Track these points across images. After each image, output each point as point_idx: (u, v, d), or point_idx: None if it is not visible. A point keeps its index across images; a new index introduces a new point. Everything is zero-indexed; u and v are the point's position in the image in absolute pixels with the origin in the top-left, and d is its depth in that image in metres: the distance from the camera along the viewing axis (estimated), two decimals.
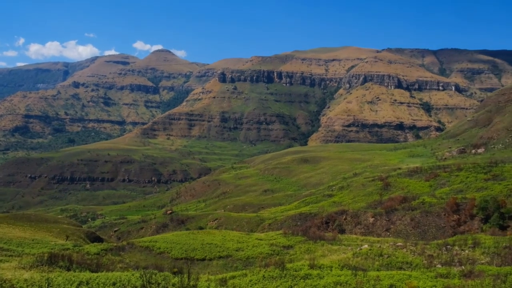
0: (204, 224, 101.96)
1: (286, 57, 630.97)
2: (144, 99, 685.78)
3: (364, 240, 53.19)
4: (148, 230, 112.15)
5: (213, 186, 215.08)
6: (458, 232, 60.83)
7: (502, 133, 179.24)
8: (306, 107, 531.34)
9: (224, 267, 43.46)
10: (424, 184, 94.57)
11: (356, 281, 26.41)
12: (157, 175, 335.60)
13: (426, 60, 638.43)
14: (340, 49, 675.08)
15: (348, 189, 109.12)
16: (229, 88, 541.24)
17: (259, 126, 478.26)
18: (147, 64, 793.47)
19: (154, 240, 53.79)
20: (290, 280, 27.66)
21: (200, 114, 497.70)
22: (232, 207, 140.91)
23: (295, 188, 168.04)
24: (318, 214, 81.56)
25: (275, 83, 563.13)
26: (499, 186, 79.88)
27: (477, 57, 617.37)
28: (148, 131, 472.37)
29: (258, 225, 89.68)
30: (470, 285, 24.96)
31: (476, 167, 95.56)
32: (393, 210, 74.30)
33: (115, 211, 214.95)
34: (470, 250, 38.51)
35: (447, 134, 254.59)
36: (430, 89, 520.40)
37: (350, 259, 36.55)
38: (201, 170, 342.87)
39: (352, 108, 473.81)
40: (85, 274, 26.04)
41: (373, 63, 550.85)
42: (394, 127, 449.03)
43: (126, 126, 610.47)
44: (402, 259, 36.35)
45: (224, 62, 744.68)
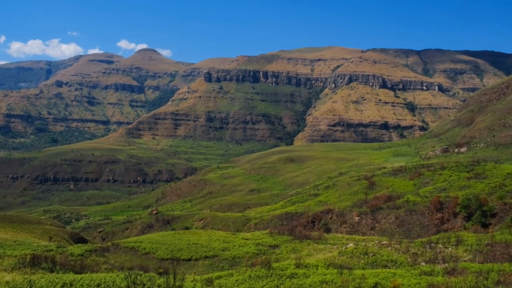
0: (190, 224, 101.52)
1: (272, 56, 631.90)
2: (129, 98, 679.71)
3: (350, 239, 53.56)
4: (133, 231, 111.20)
5: (199, 186, 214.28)
6: (441, 230, 61.66)
7: (484, 132, 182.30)
8: (292, 106, 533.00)
9: (210, 267, 43.32)
10: (409, 183, 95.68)
11: (341, 280, 26.56)
12: (142, 175, 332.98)
13: (410, 60, 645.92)
14: (326, 49, 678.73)
15: (333, 188, 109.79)
16: (215, 88, 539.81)
17: (245, 126, 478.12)
18: (132, 63, 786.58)
19: (140, 240, 53.34)
20: (276, 279, 27.68)
21: (185, 113, 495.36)
22: (218, 207, 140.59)
23: (281, 187, 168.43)
24: (304, 214, 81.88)
25: (261, 83, 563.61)
26: (481, 184, 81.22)
27: (460, 57, 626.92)
28: (133, 131, 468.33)
29: (244, 224, 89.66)
30: (453, 282, 25.28)
31: (459, 166, 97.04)
32: (378, 209, 74.99)
33: (100, 211, 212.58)
34: (453, 247, 39.06)
35: (431, 133, 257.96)
36: (414, 89, 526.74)
37: (335, 258, 36.76)
38: (187, 170, 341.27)
39: (338, 108, 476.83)
40: (68, 276, 25.69)
41: (358, 63, 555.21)
42: (379, 127, 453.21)
43: (110, 126, 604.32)
44: (387, 257, 36.69)
45: (210, 62, 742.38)
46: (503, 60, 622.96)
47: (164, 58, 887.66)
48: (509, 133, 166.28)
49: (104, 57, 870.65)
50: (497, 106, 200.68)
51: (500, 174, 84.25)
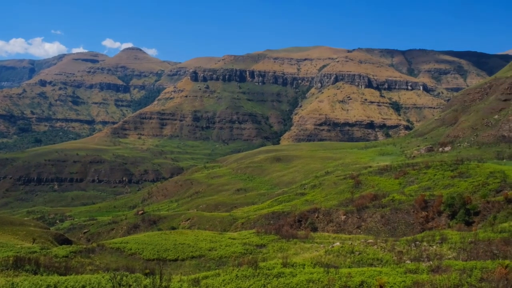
0: (177, 224, 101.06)
1: (259, 56, 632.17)
2: (114, 98, 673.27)
3: (336, 237, 53.87)
4: (119, 231, 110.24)
5: (185, 185, 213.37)
6: (426, 228, 62.41)
7: (467, 131, 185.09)
8: (278, 106, 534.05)
9: (197, 267, 43.15)
10: (394, 181, 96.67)
11: (328, 278, 26.69)
12: (128, 175, 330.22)
13: (395, 60, 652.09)
14: (312, 48, 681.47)
15: (320, 188, 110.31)
16: (201, 87, 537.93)
17: (232, 125, 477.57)
18: (117, 62, 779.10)
19: (125, 241, 52.89)
20: (263, 279, 27.69)
21: (172, 113, 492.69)
22: (205, 207, 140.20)
23: (267, 187, 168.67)
24: (290, 213, 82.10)
25: (248, 82, 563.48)
26: (465, 183, 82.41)
27: (444, 57, 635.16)
28: (118, 131, 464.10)
29: (231, 224, 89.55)
30: (438, 280, 25.59)
31: (443, 165, 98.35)
32: (364, 207, 75.57)
33: (85, 212, 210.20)
34: (438, 245, 39.56)
35: (416, 132, 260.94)
36: (399, 89, 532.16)
37: (322, 257, 36.94)
38: (173, 169, 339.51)
39: (324, 107, 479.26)
40: (53, 278, 25.35)
41: (344, 62, 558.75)
42: (364, 126, 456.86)
43: (95, 126, 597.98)
44: (373, 256, 37.00)
45: (196, 61, 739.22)
46: (485, 61, 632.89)
47: (150, 57, 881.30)
48: (492, 132, 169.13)
49: (89, 56, 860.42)
50: (480, 106, 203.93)
51: (483, 173, 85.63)
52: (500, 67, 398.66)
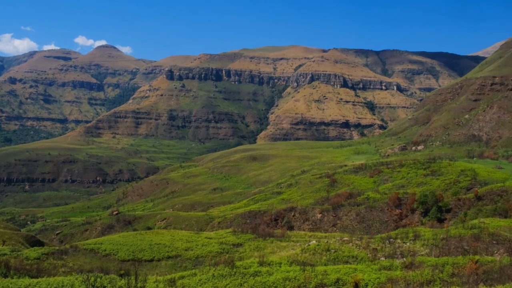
0: (152, 224, 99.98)
1: (235, 55, 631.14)
2: (87, 96, 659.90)
3: (312, 236, 54.33)
4: (93, 232, 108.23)
5: (161, 185, 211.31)
6: (400, 226, 63.62)
7: (439, 130, 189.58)
8: (254, 105, 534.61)
9: (173, 267, 42.82)
10: (369, 180, 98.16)
11: (304, 276, 26.88)
12: (102, 175, 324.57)
13: (369, 60, 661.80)
14: (288, 48, 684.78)
15: (296, 186, 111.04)
16: (177, 86, 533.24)
17: (208, 125, 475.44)
18: (91, 60, 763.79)
19: (100, 242, 52.04)
20: (240, 278, 27.69)
21: (147, 112, 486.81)
22: (181, 206, 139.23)
23: (244, 186, 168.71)
24: (267, 212, 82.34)
25: (224, 81, 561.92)
26: (437, 181, 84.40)
27: (417, 58, 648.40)
28: (92, 130, 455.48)
29: (208, 223, 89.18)
30: (411, 276, 26.11)
31: (416, 163, 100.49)
32: (340, 206, 76.47)
33: (57, 213, 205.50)
34: (411, 242, 40.37)
35: (390, 132, 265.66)
36: (374, 89, 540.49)
37: (298, 255, 37.19)
38: (148, 169, 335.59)
39: (300, 107, 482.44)
40: (23, 281, 24.70)
41: (320, 62, 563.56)
42: (340, 125, 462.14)
43: (68, 125, 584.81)
44: (348, 253, 37.48)
45: (172, 59, 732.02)
46: (456, 62, 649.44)
47: (124, 55, 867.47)
48: (462, 131, 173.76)
49: (61, 53, 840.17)
50: (452, 105, 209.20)
51: (455, 171, 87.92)
52: (470, 68, 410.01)
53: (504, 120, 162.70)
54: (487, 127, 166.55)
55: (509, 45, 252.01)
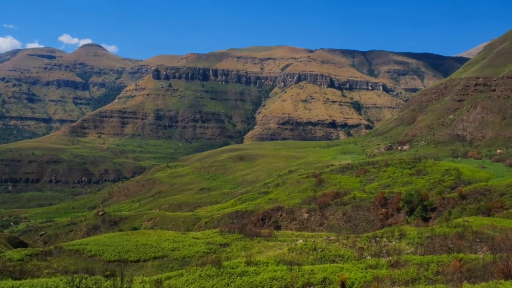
0: (139, 225, 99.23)
1: (222, 55, 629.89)
2: (72, 95, 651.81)
3: (299, 235, 54.49)
4: (78, 233, 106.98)
5: (147, 185, 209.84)
6: (386, 225, 64.19)
7: (424, 130, 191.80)
8: (241, 105, 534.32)
9: (160, 267, 42.56)
10: (355, 179, 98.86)
11: (291, 276, 26.94)
12: (87, 175, 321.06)
13: (356, 60, 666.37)
14: (275, 48, 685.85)
15: (283, 186, 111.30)
16: (163, 85, 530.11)
17: (195, 124, 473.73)
18: (76, 59, 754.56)
19: (85, 243, 51.48)
20: (227, 278, 27.64)
21: (133, 111, 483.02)
22: (168, 207, 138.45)
23: (231, 186, 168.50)
24: (254, 211, 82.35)
25: (211, 81, 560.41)
26: (422, 180, 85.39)
27: (402, 59, 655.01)
28: (77, 129, 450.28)
29: (195, 224, 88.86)
30: (397, 275, 26.35)
31: (402, 163, 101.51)
32: (327, 205, 76.84)
33: (41, 213, 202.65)
34: (397, 241, 40.75)
35: (376, 131, 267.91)
36: (360, 89, 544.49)
37: (285, 255, 37.26)
38: (135, 169, 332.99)
39: (287, 107, 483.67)
40: (6, 282, 24.29)
41: (307, 62, 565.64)
42: (327, 125, 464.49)
43: (52, 124, 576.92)
44: (335, 253, 37.67)
45: (158, 59, 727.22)
46: (441, 63, 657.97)
47: (110, 54, 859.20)
48: (447, 131, 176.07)
49: (45, 51, 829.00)
50: (437, 106, 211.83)
51: (439, 171, 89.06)
52: (454, 69, 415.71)
53: (487, 120, 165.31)
54: (471, 127, 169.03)
55: (492, 46, 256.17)
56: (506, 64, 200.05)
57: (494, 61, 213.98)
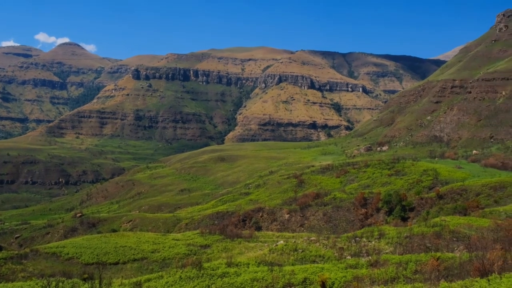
0: (118, 226, 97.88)
1: (203, 55, 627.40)
2: (49, 95, 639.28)
3: (280, 236, 54.58)
4: (55, 235, 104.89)
5: (127, 186, 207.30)
6: (365, 225, 64.86)
7: (403, 131, 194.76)
8: (222, 106, 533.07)
9: (139, 270, 42.04)
10: (335, 180, 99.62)
11: (272, 277, 26.94)
12: (65, 176, 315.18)
13: (336, 62, 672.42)
14: (256, 49, 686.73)
15: (264, 187, 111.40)
16: (143, 85, 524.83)
17: (175, 125, 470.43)
18: (53, 58, 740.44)
19: (62, 245, 50.49)
20: (208, 279, 27.47)
21: (112, 111, 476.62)
22: (148, 208, 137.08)
23: (212, 187, 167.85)
24: (235, 212, 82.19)
25: (192, 81, 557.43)
26: (401, 180, 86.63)
27: (381, 61, 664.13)
28: (54, 129, 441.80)
29: (175, 225, 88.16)
30: (376, 274, 26.61)
31: (381, 164, 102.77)
32: (307, 206, 77.23)
33: (17, 216, 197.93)
34: (376, 241, 41.20)
35: (356, 132, 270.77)
36: (340, 90, 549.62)
37: (266, 255, 37.25)
38: (114, 170, 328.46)
39: (268, 108, 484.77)
40: None
41: (288, 63, 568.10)
42: (307, 126, 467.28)
43: (29, 124, 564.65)
44: (315, 253, 37.84)
45: (138, 59, 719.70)
46: (419, 65, 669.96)
47: (88, 53, 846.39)
48: (425, 132, 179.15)
49: (21, 50, 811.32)
50: (415, 107, 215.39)
51: (417, 171, 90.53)
52: (432, 71, 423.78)
53: (464, 122, 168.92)
54: (448, 128, 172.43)
55: (467, 49, 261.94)
56: (481, 66, 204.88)
57: (469, 63, 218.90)
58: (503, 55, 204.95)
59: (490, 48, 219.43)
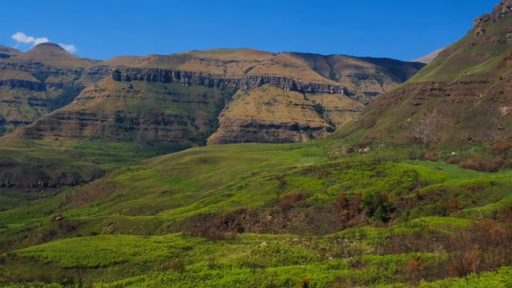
0: (98, 229, 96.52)
1: (185, 56, 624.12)
2: (27, 96, 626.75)
3: (262, 237, 54.59)
4: (33, 239, 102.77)
5: (107, 189, 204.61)
6: (347, 226, 65.39)
7: (384, 133, 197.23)
8: (204, 107, 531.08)
9: (120, 273, 41.51)
10: (317, 181, 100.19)
11: (254, 278, 26.92)
12: (43, 179, 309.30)
13: (318, 64, 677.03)
14: (238, 50, 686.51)
15: (246, 189, 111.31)
16: (124, 87, 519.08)
17: (157, 127, 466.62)
18: (31, 58, 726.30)
19: (40, 249, 49.52)
20: (190, 281, 27.29)
21: (93, 113, 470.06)
22: (129, 210, 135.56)
23: (194, 188, 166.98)
24: (217, 214, 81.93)
25: (173, 83, 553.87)
26: (382, 181, 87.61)
27: (363, 64, 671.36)
28: (32, 131, 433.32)
29: (157, 227, 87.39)
30: (358, 274, 26.84)
31: (363, 165, 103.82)
32: (289, 207, 77.48)
33: None
34: (358, 241, 41.57)
35: (337, 134, 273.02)
36: (322, 92, 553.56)
37: (249, 257, 37.21)
38: (94, 172, 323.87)
39: (250, 109, 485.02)
40: None
41: (270, 65, 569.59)
42: (289, 128, 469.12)
43: (6, 126, 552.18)
44: (298, 254, 37.97)
45: (119, 59, 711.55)
46: (399, 68, 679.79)
47: (68, 54, 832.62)
48: (405, 134, 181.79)
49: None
50: (395, 109, 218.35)
51: (398, 172, 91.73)
52: (412, 74, 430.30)
53: (443, 124, 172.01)
54: (427, 130, 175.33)
55: (446, 52, 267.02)
56: (459, 69, 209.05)
57: (448, 66, 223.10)
58: (480, 58, 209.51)
59: (468, 51, 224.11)
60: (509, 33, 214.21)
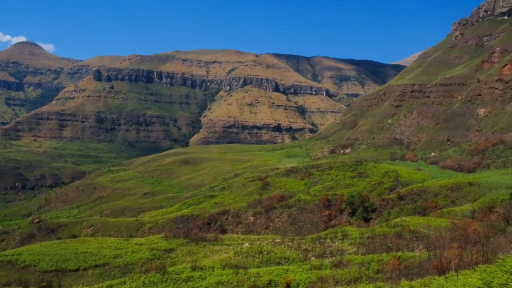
0: (78, 232, 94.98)
1: (167, 57, 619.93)
2: (4, 96, 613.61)
3: (245, 239, 54.53)
4: (10, 243, 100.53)
5: (88, 190, 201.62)
6: (329, 226, 65.84)
7: (365, 134, 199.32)
8: (187, 108, 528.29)
9: (101, 276, 40.94)
10: (300, 182, 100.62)
11: (237, 279, 26.87)
12: (21, 181, 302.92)
13: (300, 66, 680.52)
14: (221, 51, 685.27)
15: (229, 190, 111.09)
16: (105, 87, 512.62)
17: (139, 127, 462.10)
18: (9, 57, 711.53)
19: (18, 252, 48.51)
20: (172, 284, 27.09)
21: (72, 113, 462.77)
22: (110, 212, 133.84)
23: (176, 190, 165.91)
24: (200, 216, 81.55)
25: (155, 83, 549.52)
26: (363, 182, 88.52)
27: (344, 65, 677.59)
28: (10, 132, 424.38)
29: (138, 229, 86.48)
30: (340, 274, 27.03)
31: (344, 166, 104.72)
32: (272, 208, 77.60)
33: None
34: (340, 242, 41.88)
35: (320, 135, 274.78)
36: (304, 94, 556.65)
37: (231, 258, 37.12)
38: (74, 174, 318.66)
39: (233, 110, 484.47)
40: None
41: (253, 66, 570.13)
42: (272, 129, 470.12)
43: None
44: (280, 255, 38.05)
45: (100, 59, 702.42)
46: (380, 70, 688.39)
47: (47, 53, 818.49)
48: (386, 135, 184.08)
49: None
50: (376, 111, 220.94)
51: (379, 173, 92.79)
52: (393, 76, 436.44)
53: (423, 125, 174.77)
54: (408, 131, 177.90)
55: (426, 55, 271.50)
56: (438, 72, 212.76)
57: (428, 69, 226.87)
58: (459, 61, 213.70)
59: (447, 54, 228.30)
60: (486, 36, 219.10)
